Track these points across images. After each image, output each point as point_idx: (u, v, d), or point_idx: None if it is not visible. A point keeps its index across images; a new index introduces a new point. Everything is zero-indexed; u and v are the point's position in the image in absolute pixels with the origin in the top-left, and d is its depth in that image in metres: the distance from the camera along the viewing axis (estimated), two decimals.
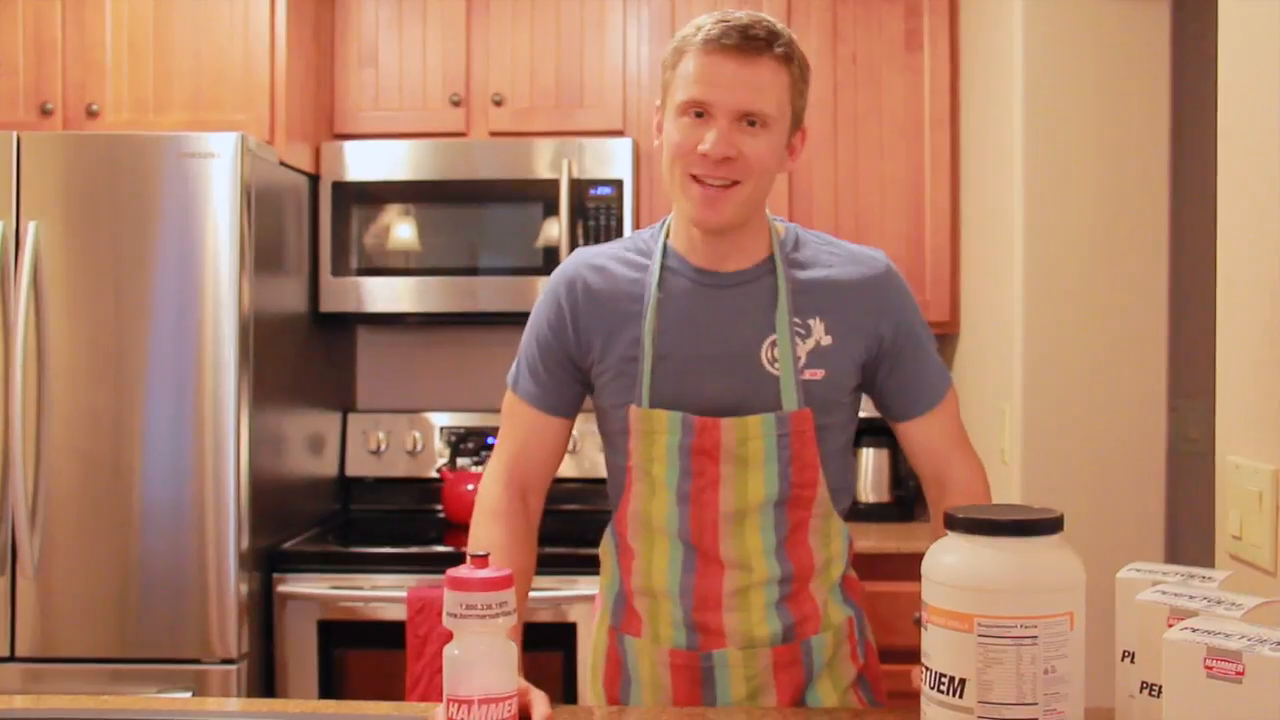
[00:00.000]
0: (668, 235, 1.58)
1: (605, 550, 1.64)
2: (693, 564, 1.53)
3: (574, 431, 3.18)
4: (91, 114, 2.87)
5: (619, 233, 2.97)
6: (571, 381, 1.60)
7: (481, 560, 1.27)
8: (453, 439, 3.27)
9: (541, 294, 1.63)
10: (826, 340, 1.52)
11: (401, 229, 3.04)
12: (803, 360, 1.51)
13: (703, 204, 1.46)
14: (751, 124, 1.44)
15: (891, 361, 1.57)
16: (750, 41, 1.42)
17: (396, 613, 2.63)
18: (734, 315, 1.52)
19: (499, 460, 1.64)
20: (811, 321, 1.53)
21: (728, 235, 1.52)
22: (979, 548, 1.16)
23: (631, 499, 1.55)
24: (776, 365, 1.51)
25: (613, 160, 2.99)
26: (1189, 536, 2.49)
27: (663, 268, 1.55)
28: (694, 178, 1.46)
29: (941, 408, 1.60)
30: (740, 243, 1.54)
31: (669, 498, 1.52)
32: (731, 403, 1.50)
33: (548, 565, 2.64)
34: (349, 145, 3.06)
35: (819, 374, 1.52)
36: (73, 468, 2.54)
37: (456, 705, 1.25)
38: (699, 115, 1.44)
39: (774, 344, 1.51)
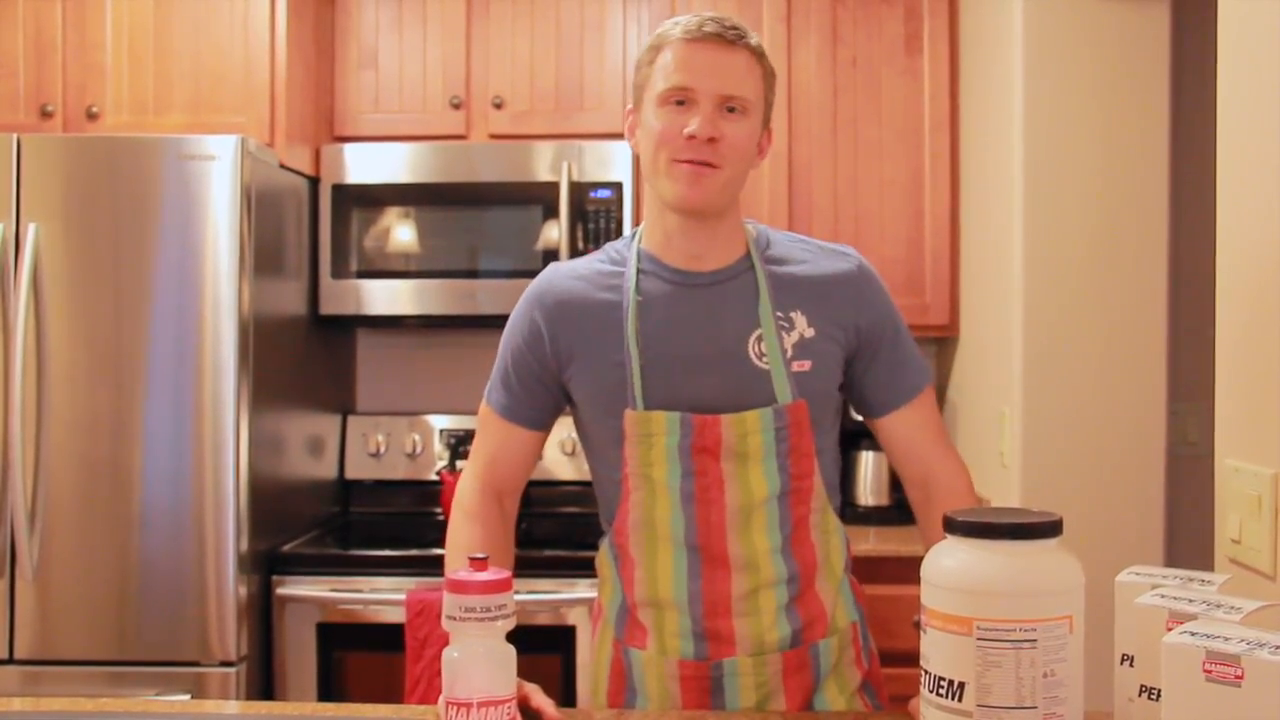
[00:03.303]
0: (640, 242, 1.60)
1: (604, 563, 1.63)
2: (698, 569, 1.52)
3: (572, 434, 3.20)
4: (91, 116, 2.87)
5: (619, 235, 2.97)
6: (545, 395, 1.61)
7: (480, 563, 1.28)
8: (452, 441, 3.27)
9: (515, 309, 1.64)
10: (809, 332, 1.54)
11: (401, 231, 3.04)
12: (790, 353, 1.53)
13: (688, 182, 1.48)
14: (731, 110, 1.49)
15: (870, 355, 1.59)
16: (728, 31, 1.50)
17: (396, 615, 2.63)
18: (716, 313, 1.53)
19: (473, 465, 1.66)
20: (793, 315, 1.54)
21: (705, 225, 1.54)
22: (978, 551, 1.16)
23: (631, 507, 1.54)
24: (765, 360, 1.52)
25: (612, 163, 2.99)
26: (1188, 540, 2.49)
27: (639, 272, 1.56)
28: (678, 160, 1.49)
29: (919, 401, 1.62)
30: (717, 239, 1.55)
31: (672, 500, 1.52)
32: (725, 400, 1.51)
33: (546, 568, 2.66)
34: (349, 148, 3.06)
35: (806, 365, 1.53)
36: (72, 470, 2.54)
37: (455, 708, 1.25)
38: (680, 104, 1.49)
39: (759, 339, 1.52)
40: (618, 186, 2.98)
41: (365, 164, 3.04)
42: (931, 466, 1.62)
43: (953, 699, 1.14)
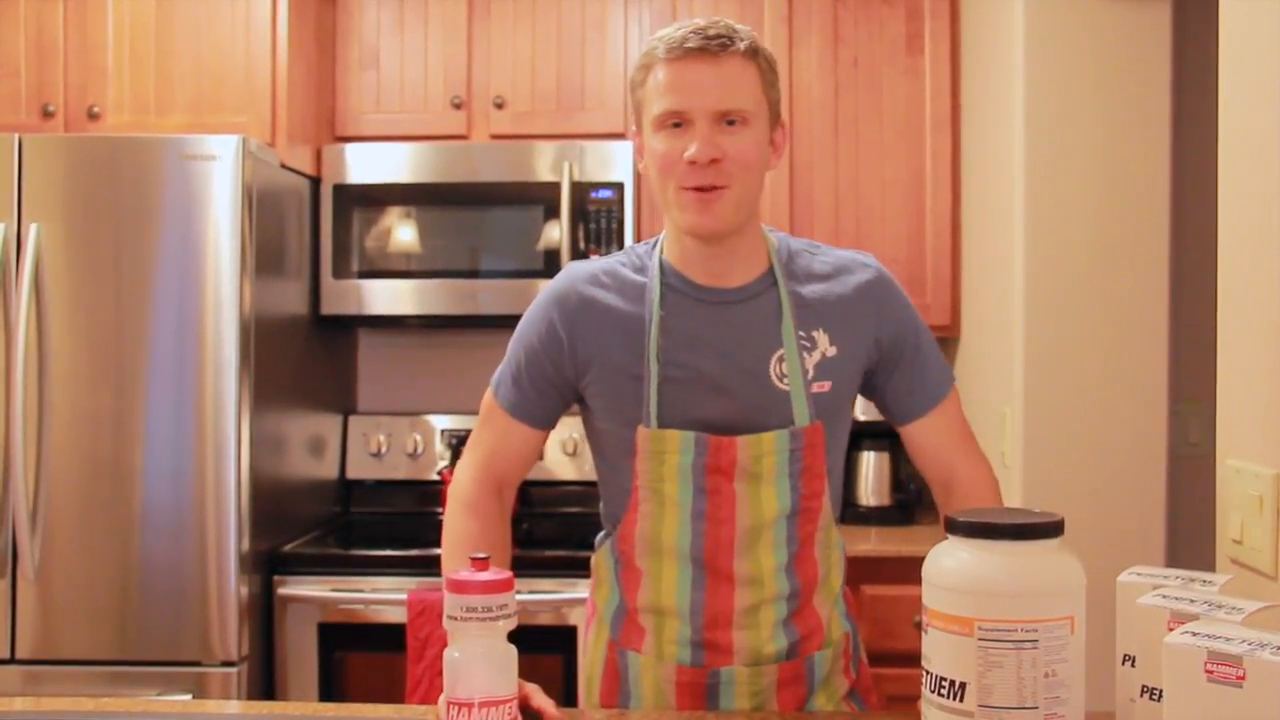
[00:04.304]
0: (662, 253, 1.56)
1: (603, 566, 1.61)
2: (703, 582, 1.52)
3: (574, 434, 3.20)
4: (93, 116, 2.87)
5: (620, 236, 2.97)
6: (554, 396, 1.59)
7: (481, 563, 1.27)
8: (453, 441, 3.27)
9: (533, 306, 1.60)
10: (831, 351, 1.52)
11: (402, 231, 3.04)
12: (811, 373, 1.51)
13: (697, 210, 1.45)
14: (731, 123, 1.44)
15: (892, 364, 1.57)
16: (713, 41, 1.43)
17: (397, 615, 2.63)
18: (739, 332, 1.51)
19: (472, 456, 1.63)
20: (815, 334, 1.52)
21: (726, 245, 1.50)
22: (980, 551, 1.16)
23: (639, 519, 1.53)
24: (785, 381, 1.50)
25: (614, 163, 2.99)
26: (1190, 540, 2.48)
27: (662, 285, 1.53)
28: (684, 188, 1.45)
29: (944, 406, 1.60)
30: (738, 256, 1.52)
31: (681, 517, 1.51)
32: (742, 420, 1.49)
33: (547, 568, 2.66)
34: (350, 148, 3.06)
35: (826, 386, 1.51)
36: (74, 470, 2.54)
37: (456, 708, 1.25)
38: (677, 125, 1.44)
39: (781, 359, 1.50)
40: (619, 187, 2.98)
41: (366, 164, 3.04)
42: (955, 470, 1.60)
43: (954, 699, 1.14)
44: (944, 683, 1.15)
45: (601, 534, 1.63)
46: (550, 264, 2.97)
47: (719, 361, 1.50)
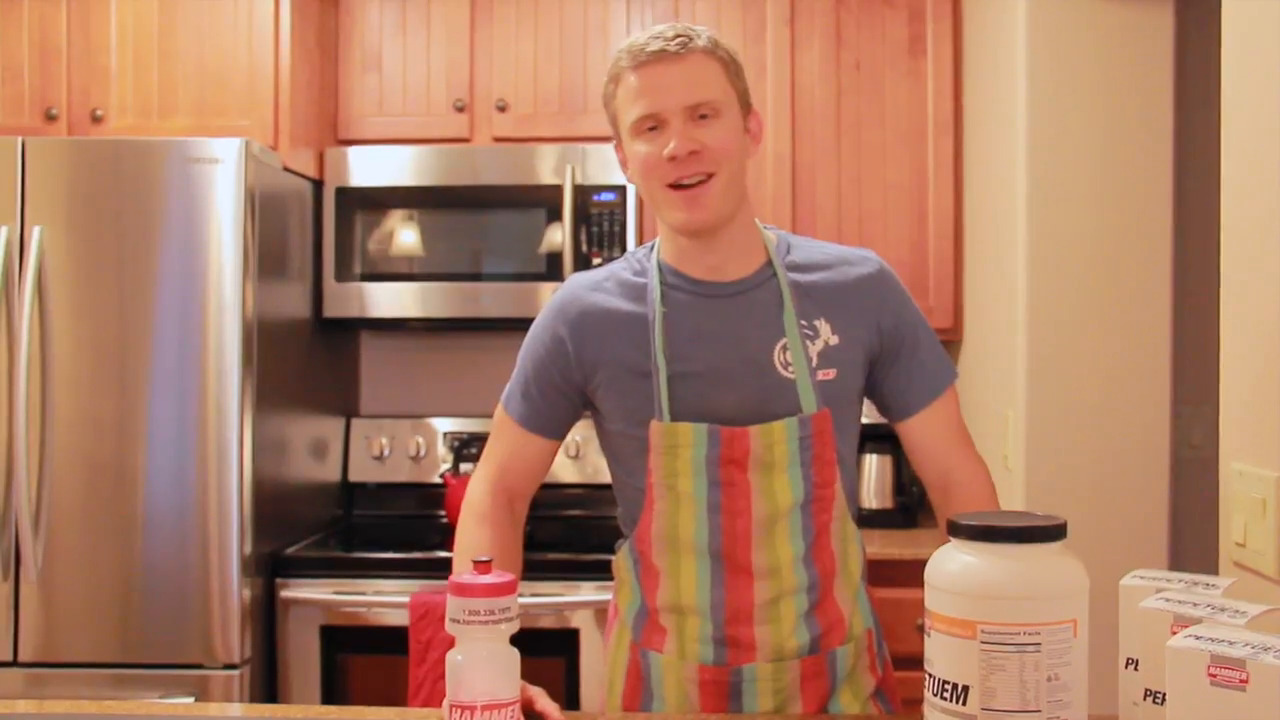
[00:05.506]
0: (658, 254, 1.59)
1: (623, 567, 1.62)
2: (721, 577, 1.53)
3: (576, 437, 3.20)
4: (96, 119, 2.88)
5: (622, 239, 2.97)
6: (564, 405, 1.62)
7: (484, 566, 1.27)
8: (456, 444, 3.27)
9: (537, 319, 1.64)
10: (834, 340, 1.54)
11: (405, 234, 3.04)
12: (815, 361, 1.53)
13: (686, 206, 1.49)
14: (703, 116, 1.49)
15: (890, 358, 1.59)
16: (673, 42, 1.49)
17: (399, 618, 2.63)
18: (741, 323, 1.53)
19: (485, 468, 1.66)
20: (817, 323, 1.54)
21: (719, 238, 1.54)
22: (982, 555, 1.15)
23: (655, 517, 1.54)
24: (790, 369, 1.52)
25: (616, 166, 2.97)
26: (1192, 543, 2.48)
27: (662, 284, 1.56)
28: (670, 186, 1.49)
29: (941, 403, 1.61)
30: (733, 248, 1.55)
31: (697, 510, 1.52)
32: (751, 410, 1.51)
33: (550, 571, 2.66)
34: (353, 150, 3.06)
35: (831, 374, 1.53)
36: (76, 473, 2.54)
37: (459, 711, 1.25)
38: (653, 128, 1.49)
39: (785, 348, 1.52)
40: (621, 190, 2.98)
41: (369, 167, 3.05)
42: (952, 472, 1.61)
43: (957, 702, 1.14)
44: (946, 686, 1.15)
45: (621, 538, 1.64)
46: (553, 267, 2.98)
47: (724, 353, 1.52)
